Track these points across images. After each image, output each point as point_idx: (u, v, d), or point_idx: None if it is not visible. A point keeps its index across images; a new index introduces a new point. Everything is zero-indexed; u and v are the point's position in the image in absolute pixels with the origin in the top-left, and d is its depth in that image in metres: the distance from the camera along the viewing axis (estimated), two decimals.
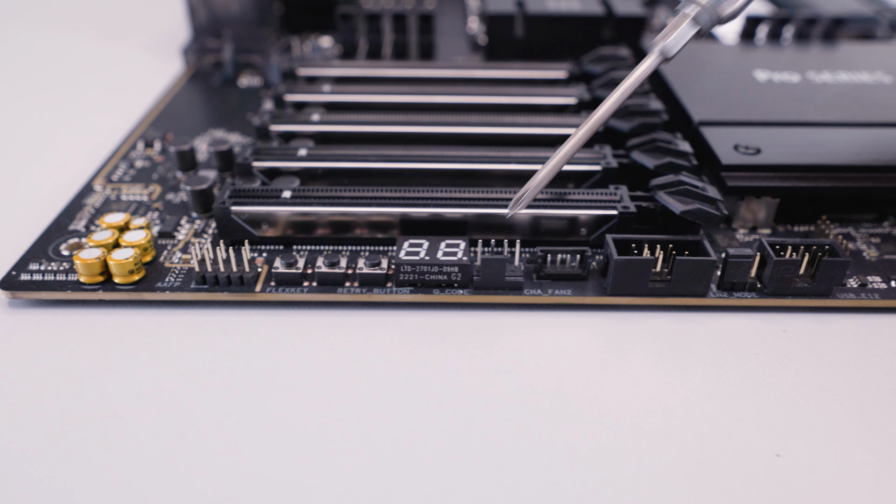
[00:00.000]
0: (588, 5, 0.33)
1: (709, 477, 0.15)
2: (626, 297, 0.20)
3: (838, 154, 0.23)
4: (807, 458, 0.16)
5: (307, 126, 0.25)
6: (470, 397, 0.17)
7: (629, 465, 0.16)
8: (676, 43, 0.20)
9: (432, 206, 0.21)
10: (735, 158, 0.22)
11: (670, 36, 0.20)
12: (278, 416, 0.17)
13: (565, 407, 0.17)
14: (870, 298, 0.20)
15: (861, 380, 0.18)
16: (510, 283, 0.20)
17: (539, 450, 0.16)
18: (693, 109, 0.25)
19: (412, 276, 0.20)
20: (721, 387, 0.18)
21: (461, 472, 0.16)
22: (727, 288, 0.20)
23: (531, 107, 0.27)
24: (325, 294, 0.20)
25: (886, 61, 0.29)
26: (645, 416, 0.17)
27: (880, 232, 0.23)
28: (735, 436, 0.16)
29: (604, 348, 0.19)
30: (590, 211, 0.21)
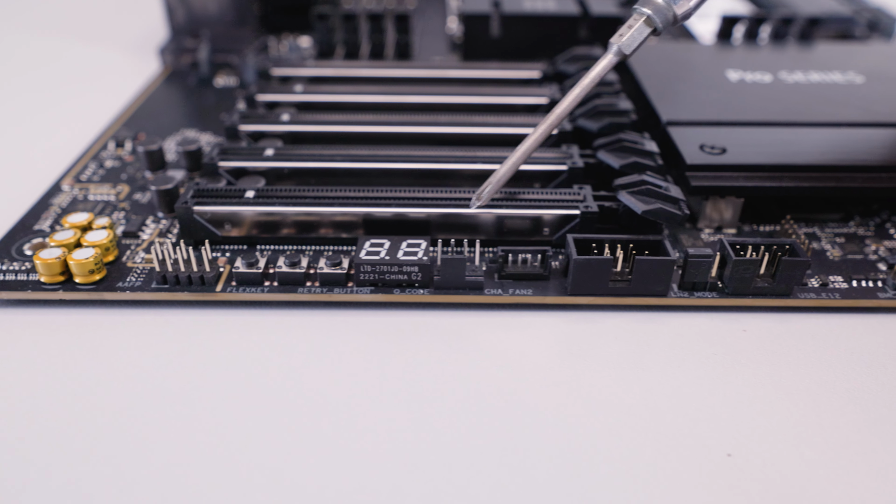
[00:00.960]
0: (564, 5, 0.33)
1: (659, 477, 0.15)
2: (586, 296, 0.20)
3: (803, 154, 0.23)
4: (757, 457, 0.16)
5: (277, 126, 0.25)
6: (429, 397, 0.17)
7: (582, 464, 0.16)
8: (632, 42, 0.20)
9: (395, 205, 0.21)
10: (700, 158, 0.22)
11: (626, 35, 0.20)
12: (237, 416, 0.17)
13: (523, 407, 0.17)
14: (830, 298, 0.20)
15: (817, 379, 0.18)
16: (471, 282, 0.20)
17: (497, 449, 0.16)
18: (662, 109, 0.25)
19: (372, 275, 0.20)
20: (677, 386, 0.18)
21: (420, 472, 0.16)
22: (688, 288, 0.20)
23: (503, 107, 0.27)
24: (285, 294, 0.20)
25: (860, 61, 0.29)
26: (600, 416, 0.17)
27: (845, 232, 0.23)
28: (688, 435, 0.16)
29: (563, 348, 0.19)
30: (553, 211, 0.21)
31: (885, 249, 0.22)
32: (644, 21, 0.20)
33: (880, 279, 0.20)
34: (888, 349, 0.19)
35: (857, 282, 0.20)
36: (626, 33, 0.20)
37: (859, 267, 0.21)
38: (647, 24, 0.20)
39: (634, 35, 0.20)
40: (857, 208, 0.24)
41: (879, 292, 0.20)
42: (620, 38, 0.20)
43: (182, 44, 0.34)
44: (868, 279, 0.20)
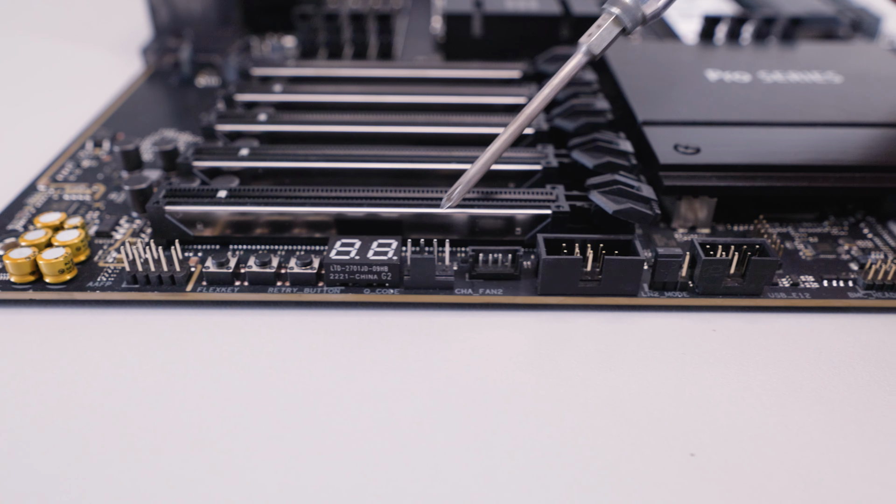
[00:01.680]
0: (546, 5, 0.33)
1: (621, 476, 0.15)
2: (556, 296, 0.20)
3: (777, 154, 0.23)
4: (720, 457, 0.16)
5: (254, 126, 0.25)
6: (398, 397, 0.17)
7: (546, 463, 0.16)
8: (601, 42, 0.20)
9: (367, 205, 0.21)
10: (673, 158, 0.22)
11: (595, 35, 0.20)
12: (206, 415, 0.17)
13: (491, 406, 0.17)
14: (800, 298, 0.20)
15: (784, 379, 0.18)
16: (441, 282, 0.20)
17: (465, 448, 0.16)
18: (638, 109, 0.25)
19: (342, 275, 0.20)
20: (644, 386, 0.18)
21: (389, 471, 0.15)
22: (658, 287, 0.20)
23: (482, 106, 0.27)
24: (255, 294, 0.20)
25: (840, 61, 0.29)
26: (565, 416, 0.17)
27: (819, 231, 0.23)
28: (652, 435, 0.16)
29: (532, 348, 0.19)
30: (525, 210, 0.21)
31: (858, 249, 0.22)
32: (613, 21, 0.20)
33: (851, 279, 0.20)
34: (857, 349, 0.19)
35: (829, 282, 0.20)
36: (595, 33, 0.20)
37: (831, 267, 0.21)
38: (616, 24, 0.20)
39: (603, 35, 0.20)
40: (831, 208, 0.24)
41: (850, 292, 0.20)
42: (589, 38, 0.20)
43: (165, 44, 0.34)
44: (839, 279, 0.20)
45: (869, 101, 0.26)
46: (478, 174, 0.21)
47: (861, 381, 0.18)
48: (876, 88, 0.27)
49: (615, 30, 0.20)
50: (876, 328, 0.20)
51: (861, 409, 0.17)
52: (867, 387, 0.18)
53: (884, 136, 0.24)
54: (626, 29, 0.20)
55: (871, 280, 0.20)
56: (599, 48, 0.20)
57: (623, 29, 0.20)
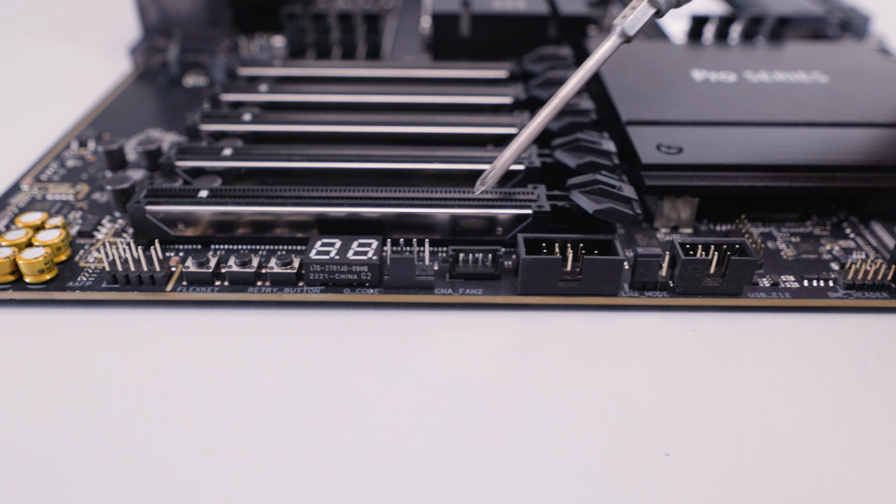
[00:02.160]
0: (533, 5, 0.33)
1: (595, 476, 0.15)
2: (536, 296, 0.20)
3: (759, 154, 0.23)
4: (695, 457, 0.16)
5: (238, 126, 0.25)
6: (377, 396, 0.17)
7: (522, 463, 0.16)
8: (635, 23, 0.20)
9: (349, 205, 0.21)
10: (656, 158, 0.22)
11: (629, 17, 0.20)
12: (186, 415, 0.17)
13: (470, 406, 0.17)
14: (780, 298, 0.20)
15: (762, 379, 0.18)
16: (420, 282, 0.20)
17: (444, 448, 0.16)
18: (623, 108, 0.25)
19: (322, 275, 0.20)
20: (622, 386, 0.18)
21: (369, 471, 0.15)
22: (639, 287, 0.20)
23: (468, 106, 0.27)
24: (236, 293, 0.20)
25: (827, 61, 0.29)
26: (542, 416, 0.17)
27: (802, 231, 0.23)
28: (627, 434, 0.16)
29: (511, 348, 0.19)
30: (506, 210, 0.21)
31: (840, 249, 0.22)
32: (647, 2, 0.20)
33: (832, 279, 0.20)
34: (836, 349, 0.19)
35: (809, 281, 0.20)
36: (629, 14, 0.20)
37: (813, 267, 0.21)
38: (651, 5, 0.20)
39: (637, 16, 0.20)
40: (815, 208, 0.24)
41: (830, 292, 0.20)
42: (623, 20, 0.20)
43: (154, 44, 0.34)
44: (820, 279, 0.20)
45: (853, 101, 0.26)
46: (510, 159, 0.21)
47: (839, 381, 0.18)
48: (861, 88, 0.27)
49: (649, 11, 0.20)
50: (856, 328, 0.20)
51: (838, 410, 0.17)
52: (845, 387, 0.18)
53: (867, 136, 0.24)
54: (660, 10, 0.20)
55: (851, 280, 0.20)
56: (634, 29, 0.20)
57: (657, 10, 0.20)
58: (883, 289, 0.20)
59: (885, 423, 0.17)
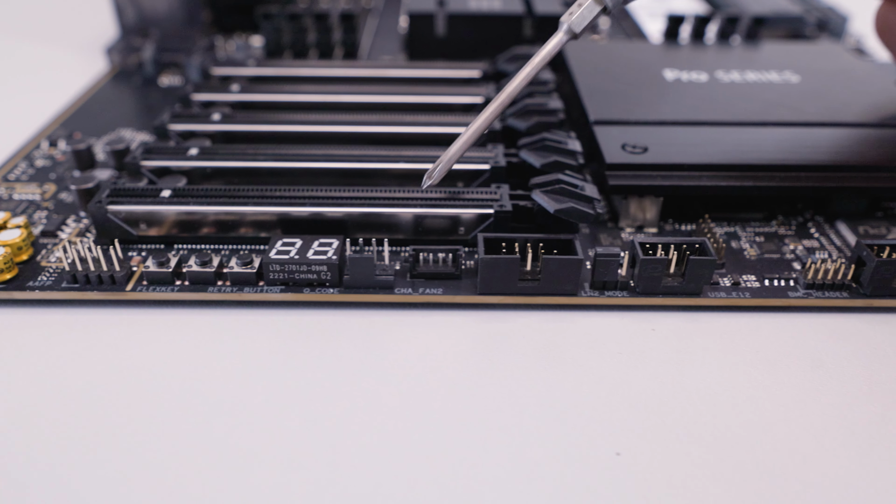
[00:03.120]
0: (508, 4, 0.33)
1: (545, 475, 0.15)
2: (496, 296, 0.20)
3: (724, 153, 0.23)
4: (645, 456, 0.16)
5: (207, 125, 0.25)
6: (336, 395, 0.17)
7: (473, 462, 0.16)
8: (581, 20, 0.20)
9: (311, 205, 0.21)
10: (620, 157, 0.22)
11: (575, 13, 0.20)
12: (144, 415, 0.17)
13: (427, 405, 0.17)
14: (740, 297, 0.20)
15: (718, 378, 0.18)
16: (380, 282, 0.20)
17: (403, 448, 0.16)
18: (591, 108, 0.25)
19: (281, 275, 0.20)
20: (577, 385, 0.18)
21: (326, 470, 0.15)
22: (599, 287, 0.20)
23: (440, 106, 0.27)
24: (195, 293, 0.20)
25: (800, 61, 0.29)
26: (497, 416, 0.17)
27: (766, 231, 0.23)
28: (581, 434, 0.16)
29: (470, 348, 0.19)
30: (469, 210, 0.21)
31: (803, 249, 0.22)
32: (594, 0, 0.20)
33: (793, 278, 0.20)
34: (793, 349, 0.19)
35: (770, 281, 0.20)
36: (575, 11, 0.20)
37: (775, 266, 0.21)
38: (597, 3, 0.20)
39: (584, 13, 0.20)
40: (781, 208, 0.24)
41: (790, 292, 0.20)
42: (570, 17, 0.20)
43: (131, 43, 0.34)
44: (781, 279, 0.20)
45: (822, 100, 0.26)
46: (458, 152, 0.21)
47: (794, 381, 0.18)
48: (831, 88, 0.27)
49: (596, 8, 0.20)
50: (815, 328, 0.20)
51: (792, 409, 0.17)
52: (800, 386, 0.18)
53: (833, 136, 0.24)
54: (606, 7, 0.20)
55: (811, 280, 0.20)
56: (580, 27, 0.20)
57: (604, 8, 0.20)
58: (843, 288, 0.20)
59: (837, 423, 0.17)
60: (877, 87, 0.27)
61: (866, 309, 0.20)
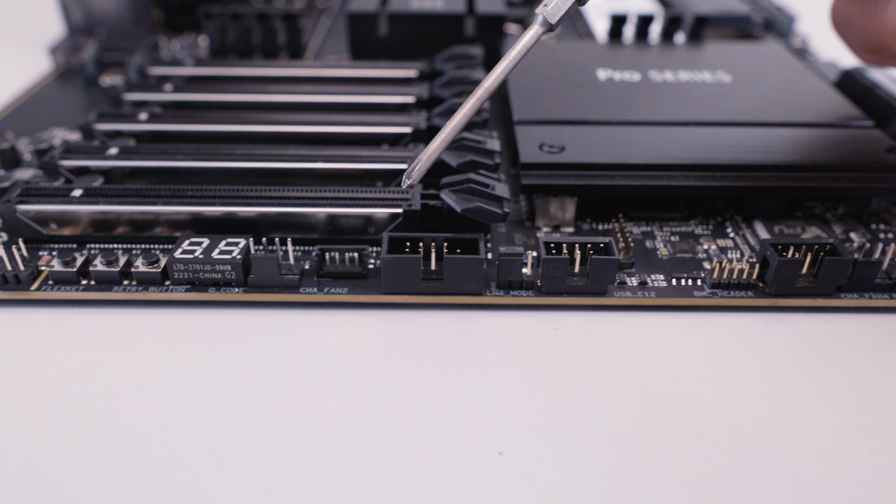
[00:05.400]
0: (450, 4, 0.33)
1: (427, 475, 0.15)
2: (400, 295, 0.20)
3: (641, 153, 0.23)
4: (527, 456, 0.16)
5: (133, 125, 0.25)
6: (239, 396, 0.17)
7: (361, 461, 0.16)
8: (556, 11, 0.19)
9: (223, 204, 0.21)
10: (536, 157, 0.22)
11: (550, 4, 0.19)
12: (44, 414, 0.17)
13: (323, 404, 0.17)
14: (645, 297, 0.20)
15: (611, 377, 0.18)
16: (285, 281, 0.20)
17: (304, 449, 0.16)
18: (517, 108, 0.25)
19: (186, 274, 0.20)
20: (470, 385, 0.18)
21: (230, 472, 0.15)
22: (504, 286, 0.20)
23: (372, 105, 0.27)
24: (100, 293, 0.20)
25: (737, 61, 0.29)
26: (388, 416, 0.17)
27: (683, 230, 0.23)
28: (466, 433, 0.16)
29: (370, 348, 0.19)
30: (379, 209, 0.21)
31: (717, 248, 0.22)
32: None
33: (700, 278, 0.20)
34: (693, 348, 0.19)
35: (678, 280, 0.20)
36: (550, 2, 0.19)
37: (685, 266, 0.21)
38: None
39: (559, 3, 0.19)
40: (701, 207, 0.24)
41: (696, 291, 0.20)
42: (545, 8, 0.20)
43: (76, 43, 0.34)
44: (689, 278, 0.20)
45: (749, 100, 0.26)
46: (436, 151, 0.20)
47: (689, 380, 0.18)
48: (761, 88, 0.27)
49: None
50: (718, 327, 0.20)
51: (680, 408, 0.17)
52: (694, 386, 0.18)
53: (752, 135, 0.24)
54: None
55: (716, 279, 0.20)
56: (556, 17, 0.19)
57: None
58: (749, 288, 0.20)
59: (725, 423, 0.17)
60: (806, 87, 0.27)
61: (770, 308, 0.20)
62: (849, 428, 0.17)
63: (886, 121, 0.26)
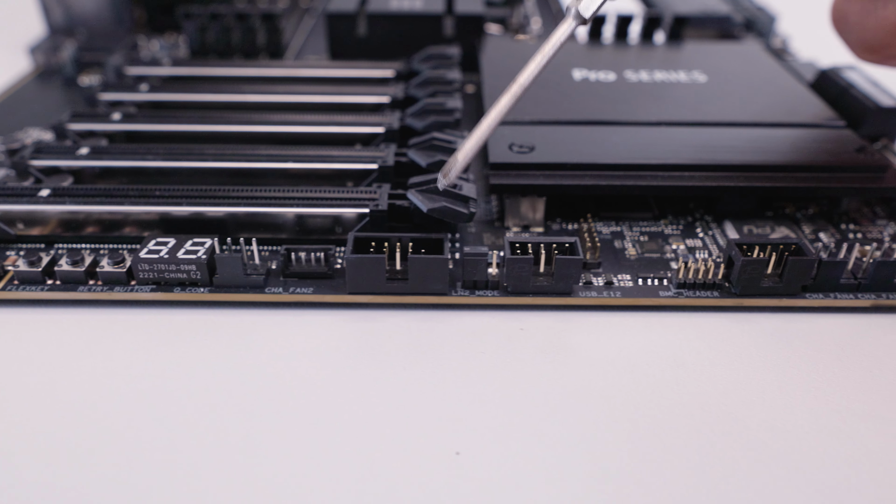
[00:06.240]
0: (429, 4, 0.33)
1: (387, 475, 0.15)
2: (365, 295, 0.20)
3: (610, 153, 0.23)
4: (484, 456, 0.16)
5: (107, 125, 0.25)
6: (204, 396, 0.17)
7: (319, 461, 0.16)
8: (591, 3, 0.19)
9: (191, 204, 0.21)
10: (504, 157, 0.22)
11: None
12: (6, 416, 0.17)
13: (284, 404, 0.17)
14: (611, 297, 0.20)
15: (571, 377, 0.18)
16: (250, 281, 0.20)
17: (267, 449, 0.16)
18: (489, 108, 0.25)
19: (151, 274, 0.20)
20: (431, 385, 0.18)
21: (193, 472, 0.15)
22: (470, 286, 0.20)
23: (347, 105, 0.27)
24: (66, 292, 0.20)
25: (714, 61, 0.29)
26: (348, 416, 0.17)
27: (652, 230, 0.23)
28: (423, 433, 0.16)
29: (334, 348, 0.19)
30: (347, 210, 0.21)
31: (686, 248, 0.22)
32: None
33: (667, 278, 0.20)
34: (656, 348, 0.19)
35: (644, 280, 0.20)
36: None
37: (653, 266, 0.21)
38: None
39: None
40: (672, 207, 0.24)
41: (662, 291, 0.20)
42: (578, 2, 0.19)
43: (57, 43, 0.34)
44: (656, 278, 0.20)
45: (722, 100, 0.26)
46: (472, 150, 0.20)
47: (650, 380, 0.18)
48: (735, 88, 0.27)
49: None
50: (683, 327, 0.20)
51: (641, 408, 0.17)
52: (654, 386, 0.18)
53: (722, 136, 0.24)
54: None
55: (682, 279, 0.20)
56: (589, 11, 0.19)
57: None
58: (714, 287, 0.20)
59: (684, 423, 0.17)
60: (780, 88, 0.27)
61: (736, 308, 0.20)
62: (807, 427, 0.17)
63: (860, 121, 0.26)
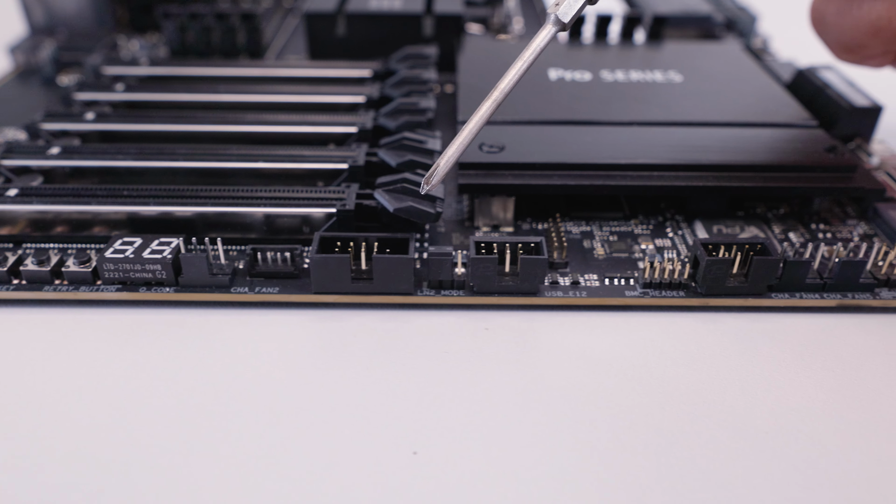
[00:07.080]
0: (409, 4, 0.33)
1: (343, 474, 0.15)
2: (330, 295, 0.20)
3: (580, 153, 0.23)
4: (441, 455, 0.16)
5: (80, 125, 0.25)
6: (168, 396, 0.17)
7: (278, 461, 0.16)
8: (568, 9, 0.19)
9: (158, 203, 0.21)
10: (474, 157, 0.22)
11: (562, 3, 0.19)
12: None
13: (249, 404, 0.17)
14: (576, 297, 0.20)
15: (533, 377, 0.18)
16: (216, 280, 0.20)
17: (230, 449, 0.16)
18: (463, 108, 0.25)
19: (117, 273, 0.20)
20: (392, 385, 0.18)
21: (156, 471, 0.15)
22: (436, 286, 0.20)
23: (322, 105, 0.27)
24: (31, 292, 0.20)
25: (691, 61, 0.29)
26: (308, 415, 0.17)
27: (622, 230, 0.23)
28: (381, 433, 0.16)
29: (298, 347, 0.19)
30: (316, 209, 0.21)
31: (654, 248, 0.22)
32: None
33: (633, 278, 0.20)
34: (619, 348, 0.19)
35: (610, 280, 0.20)
36: (562, 1, 0.19)
37: (620, 265, 0.21)
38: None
39: (570, 2, 0.19)
40: (643, 207, 0.24)
41: (627, 291, 0.20)
42: (556, 7, 0.19)
43: (37, 42, 0.34)
44: (622, 277, 0.20)
45: (696, 100, 0.26)
46: (453, 157, 0.20)
47: (613, 380, 0.18)
48: (709, 88, 0.27)
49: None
50: (648, 327, 0.20)
51: (604, 409, 0.17)
52: (617, 386, 0.18)
53: (693, 135, 0.24)
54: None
55: (648, 279, 0.20)
56: (568, 16, 0.19)
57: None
58: (680, 287, 0.20)
59: (644, 423, 0.17)
60: (755, 87, 0.27)
61: (701, 308, 0.20)
62: (766, 428, 0.17)
63: (835, 120, 0.26)
